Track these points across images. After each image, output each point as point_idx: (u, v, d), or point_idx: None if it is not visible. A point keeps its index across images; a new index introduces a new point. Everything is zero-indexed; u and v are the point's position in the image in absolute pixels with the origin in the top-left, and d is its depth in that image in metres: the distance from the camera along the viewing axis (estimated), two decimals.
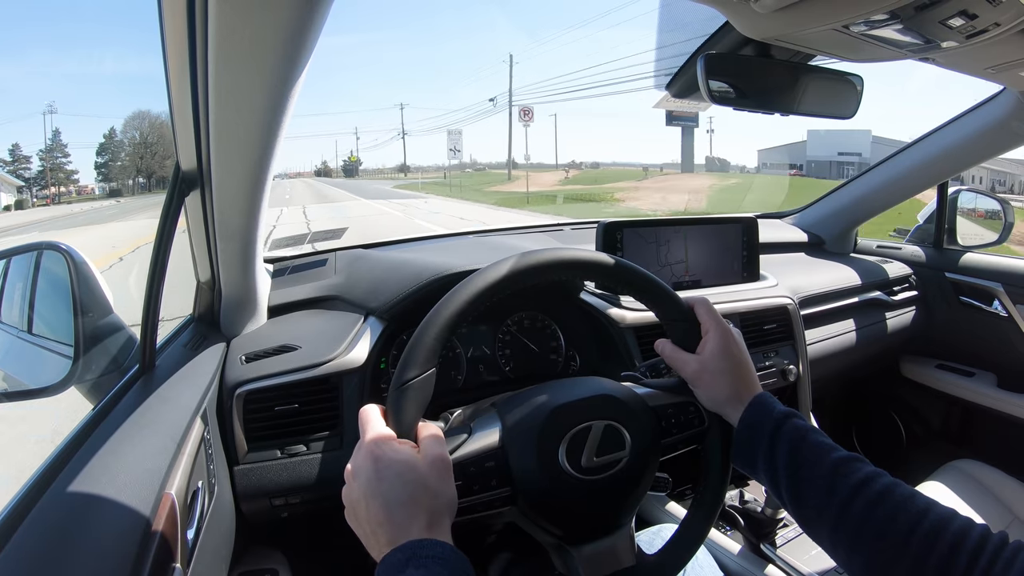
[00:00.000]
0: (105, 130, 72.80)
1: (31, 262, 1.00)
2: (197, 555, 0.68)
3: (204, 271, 0.99)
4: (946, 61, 0.90)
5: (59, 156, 60.75)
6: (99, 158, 66.85)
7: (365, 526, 0.51)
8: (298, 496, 0.94)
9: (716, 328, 0.66)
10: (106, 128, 71.86)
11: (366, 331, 1.04)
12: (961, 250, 1.78)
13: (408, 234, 1.78)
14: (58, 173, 59.80)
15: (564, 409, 0.63)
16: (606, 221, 1.19)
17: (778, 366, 1.32)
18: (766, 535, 1.11)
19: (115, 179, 65.48)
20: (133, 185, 64.77)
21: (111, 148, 66.68)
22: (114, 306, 0.93)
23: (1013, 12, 0.66)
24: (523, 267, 0.62)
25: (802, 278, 1.57)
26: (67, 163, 61.29)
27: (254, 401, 0.94)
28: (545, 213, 18.08)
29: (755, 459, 0.62)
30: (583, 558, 0.62)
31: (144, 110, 78.55)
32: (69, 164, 61.44)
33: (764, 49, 0.90)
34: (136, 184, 65.16)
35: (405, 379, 0.56)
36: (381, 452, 0.52)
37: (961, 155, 1.55)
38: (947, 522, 0.50)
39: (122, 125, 69.37)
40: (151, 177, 64.67)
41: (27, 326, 1.03)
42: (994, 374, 1.71)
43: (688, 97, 1.09)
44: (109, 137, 67.59)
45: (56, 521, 0.55)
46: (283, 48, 0.52)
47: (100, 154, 66.94)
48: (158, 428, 0.71)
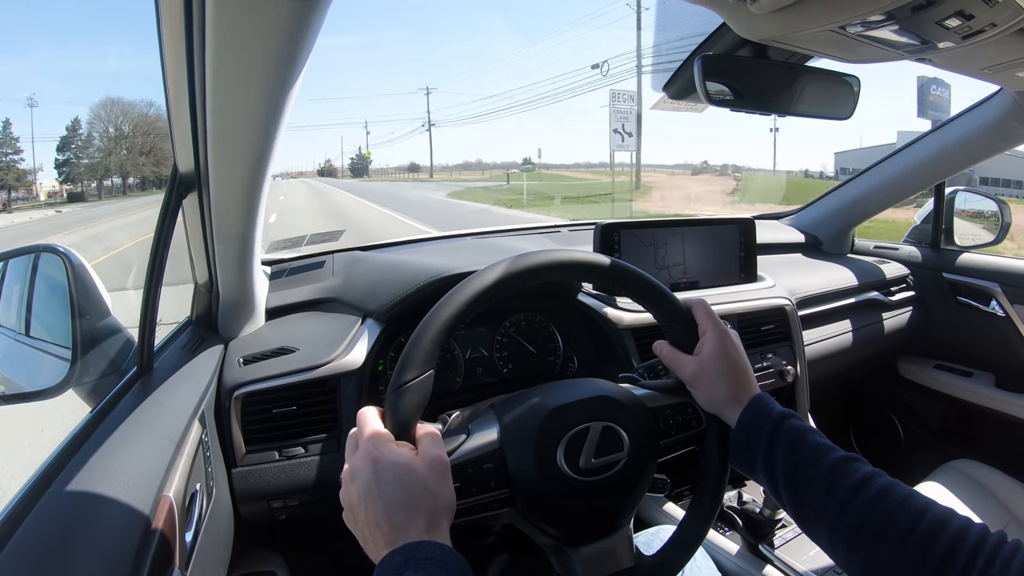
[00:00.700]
0: (68, 121, 57.45)
1: (28, 265, 1.00)
2: (195, 557, 0.68)
3: (202, 273, 0.99)
4: (943, 62, 0.90)
5: (8, 152, 48.36)
6: (60, 155, 53.19)
7: (363, 528, 0.50)
8: (296, 498, 0.94)
9: (714, 329, 0.67)
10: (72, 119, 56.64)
11: (364, 333, 1.04)
12: (958, 250, 1.78)
13: None
14: (7, 173, 46.84)
15: (562, 410, 0.63)
16: (603, 222, 1.19)
17: (776, 367, 1.32)
18: (764, 536, 1.11)
19: (80, 180, 52.53)
20: (100, 188, 52.61)
21: (76, 143, 53.94)
22: (111, 308, 0.93)
23: (1009, 12, 0.66)
24: (521, 269, 0.62)
25: (800, 279, 1.57)
26: (18, 161, 48.12)
27: (252, 403, 0.94)
28: None
29: (753, 460, 0.62)
30: (581, 559, 0.62)
31: (115, 96, 70.14)
32: (21, 163, 48.16)
33: (761, 50, 0.91)
34: (109, 187, 53.09)
35: (403, 381, 0.56)
36: (380, 454, 0.52)
37: (958, 155, 1.55)
38: (945, 522, 0.50)
39: (89, 115, 56.87)
40: (127, 178, 53.94)
41: (25, 329, 1.03)
42: (992, 374, 1.71)
43: (685, 98, 1.09)
44: (72, 130, 54.97)
45: (54, 523, 0.54)
46: (280, 50, 0.52)
47: (62, 150, 53.43)
48: (156, 430, 0.71)
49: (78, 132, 55.28)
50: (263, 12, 0.47)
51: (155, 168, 53.02)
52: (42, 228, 21.50)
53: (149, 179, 53.40)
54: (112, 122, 54.77)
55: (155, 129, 52.67)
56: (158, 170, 52.49)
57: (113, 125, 54.80)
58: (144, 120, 53.96)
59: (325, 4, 0.48)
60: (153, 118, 53.33)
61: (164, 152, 51.23)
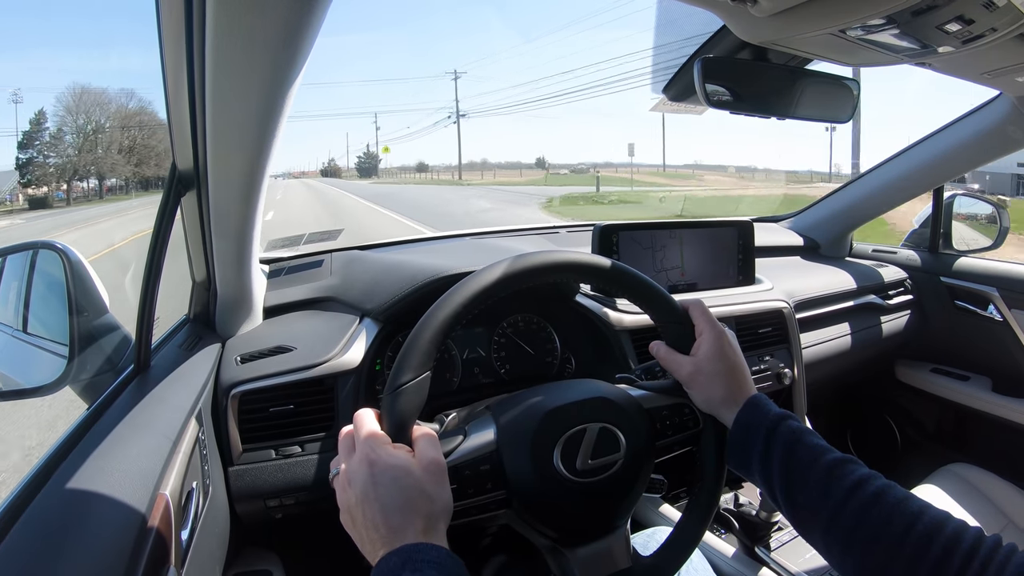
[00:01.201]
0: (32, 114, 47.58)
1: (26, 261, 1.00)
2: (191, 556, 0.67)
3: (200, 271, 0.99)
4: (942, 66, 0.90)
5: None
6: (22, 153, 44.95)
7: (361, 530, 0.50)
8: (292, 497, 0.94)
9: (710, 330, 0.67)
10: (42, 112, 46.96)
11: (361, 332, 1.04)
12: (956, 254, 1.78)
13: None
14: None
15: (559, 412, 0.63)
16: (602, 224, 1.19)
17: (773, 369, 1.32)
18: (760, 538, 1.11)
19: (47, 182, 43.71)
20: (69, 191, 43.31)
21: (42, 139, 45.70)
22: (109, 306, 0.93)
23: (1010, 17, 0.66)
24: (519, 269, 0.62)
25: (797, 282, 1.57)
26: None
27: (249, 402, 0.93)
28: None
29: (749, 460, 0.62)
30: (578, 560, 0.62)
31: (85, 84, 60.33)
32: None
33: (761, 53, 0.91)
34: (85, 189, 45.23)
35: (400, 383, 0.56)
36: (376, 456, 0.52)
37: (957, 160, 1.55)
38: (941, 525, 0.50)
39: (56, 105, 47.21)
40: (103, 180, 45.51)
41: (22, 325, 1.02)
42: (989, 378, 1.71)
43: (685, 100, 1.09)
44: (37, 123, 46.20)
45: (50, 521, 0.54)
46: (279, 49, 0.52)
47: (24, 148, 45.32)
48: (153, 428, 0.71)
49: (43, 126, 46.92)
50: (263, 10, 0.47)
51: (136, 168, 46.07)
52: None
53: (133, 181, 46.05)
54: (84, 113, 46.17)
55: (137, 123, 45.75)
56: (140, 170, 45.91)
57: (83, 116, 46.26)
58: (124, 114, 46.57)
59: (325, 3, 0.48)
60: (135, 111, 46.27)
61: (149, 150, 44.11)
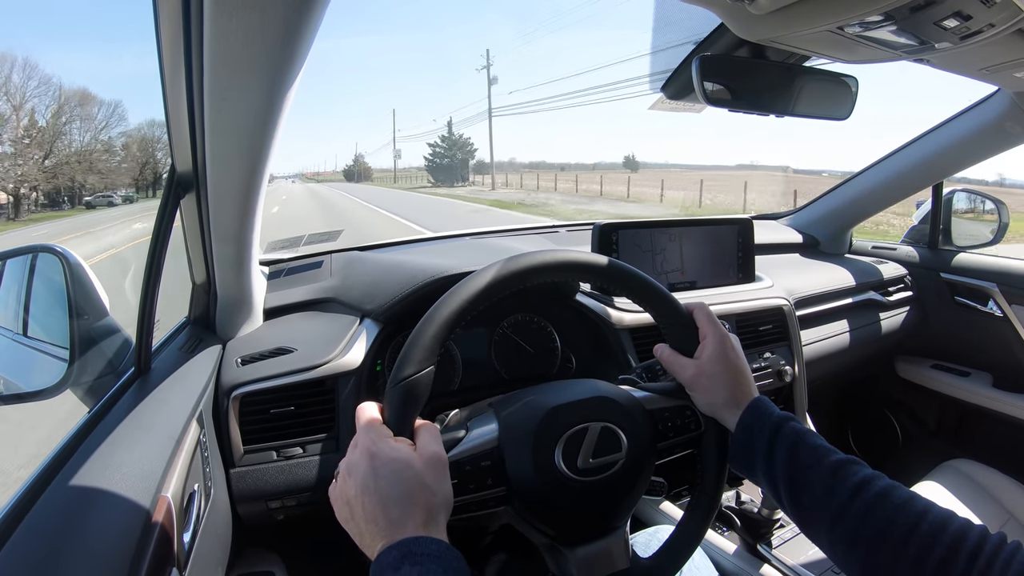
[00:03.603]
0: None
1: (26, 265, 1.00)
2: (193, 558, 0.68)
3: (199, 273, 0.99)
4: (940, 62, 0.90)
5: None
6: None
7: (360, 523, 0.50)
8: (294, 498, 0.94)
9: (714, 333, 0.67)
10: None
11: (362, 333, 1.04)
12: (956, 250, 1.78)
13: None
14: None
15: (561, 410, 0.63)
16: (601, 223, 1.19)
17: (774, 367, 1.32)
18: (762, 536, 1.11)
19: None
20: (15, 205, 31.59)
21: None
22: (109, 309, 0.93)
23: (1007, 13, 0.66)
24: (522, 268, 0.62)
25: (797, 279, 1.57)
26: None
27: (250, 403, 0.93)
28: None
29: (753, 462, 0.62)
30: (577, 560, 0.62)
31: (47, 73, 46.70)
32: None
33: (759, 51, 0.91)
34: (27, 202, 32.65)
35: (402, 376, 0.56)
36: (378, 449, 0.51)
37: (955, 156, 1.55)
38: (945, 524, 0.50)
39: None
40: (60, 192, 35.03)
41: (22, 329, 1.03)
42: (989, 374, 1.71)
43: (683, 99, 1.09)
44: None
45: (52, 524, 0.54)
46: (277, 51, 0.52)
47: None
48: (154, 431, 0.71)
49: None
50: (261, 12, 0.47)
51: (103, 178, 36.48)
52: None
53: (97, 190, 36.09)
54: (14, 99, 34.44)
55: (102, 124, 36.73)
56: (109, 180, 36.72)
57: (13, 101, 34.10)
58: (92, 104, 37.32)
59: (323, 4, 0.48)
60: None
61: (112, 157, 36.40)
